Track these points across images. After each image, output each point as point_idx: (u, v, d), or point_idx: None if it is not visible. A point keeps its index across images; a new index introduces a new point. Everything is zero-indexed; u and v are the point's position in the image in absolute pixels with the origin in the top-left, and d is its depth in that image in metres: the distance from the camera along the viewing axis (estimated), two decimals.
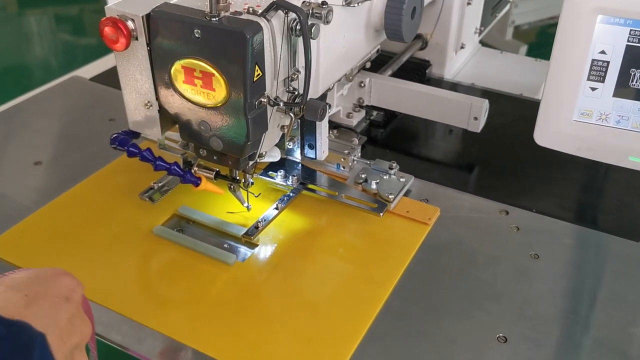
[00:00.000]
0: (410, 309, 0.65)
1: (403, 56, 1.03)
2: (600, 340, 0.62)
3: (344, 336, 0.62)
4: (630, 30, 0.55)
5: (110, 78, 1.07)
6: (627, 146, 0.60)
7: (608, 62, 0.57)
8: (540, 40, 3.26)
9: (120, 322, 0.63)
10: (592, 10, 0.55)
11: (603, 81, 0.58)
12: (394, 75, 0.99)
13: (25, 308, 0.41)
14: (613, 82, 0.58)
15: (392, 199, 0.76)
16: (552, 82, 0.60)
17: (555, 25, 0.59)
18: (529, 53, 2.97)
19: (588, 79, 0.58)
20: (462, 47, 1.10)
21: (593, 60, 0.58)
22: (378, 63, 0.92)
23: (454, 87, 1.09)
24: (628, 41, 0.56)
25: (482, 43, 1.25)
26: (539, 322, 0.64)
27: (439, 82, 1.10)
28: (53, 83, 1.08)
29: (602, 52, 0.57)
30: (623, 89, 0.58)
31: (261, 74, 0.60)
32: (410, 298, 0.66)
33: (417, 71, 1.07)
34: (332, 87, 0.80)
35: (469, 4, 1.05)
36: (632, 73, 0.57)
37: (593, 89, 0.59)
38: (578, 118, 0.61)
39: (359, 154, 0.84)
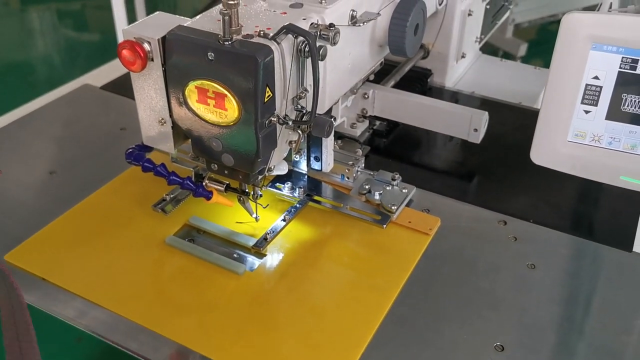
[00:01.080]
0: (412, 316, 0.68)
1: (405, 66, 1.06)
2: (595, 348, 0.65)
3: (350, 342, 0.65)
4: (622, 57, 0.58)
5: (120, 86, 1.10)
6: (619, 166, 0.63)
7: (601, 87, 0.60)
8: (540, 38, 3.28)
9: (137, 330, 0.66)
10: (586, 38, 0.58)
11: (596, 105, 0.61)
12: (397, 83, 1.02)
13: None
14: (605, 106, 0.61)
15: (394, 210, 0.80)
16: (549, 104, 0.63)
17: (555, 22, 0.62)
18: (529, 51, 3.00)
19: (582, 103, 0.61)
20: (463, 56, 1.13)
21: (587, 85, 0.61)
22: (381, 72, 0.95)
23: (455, 95, 1.12)
24: (620, 67, 0.59)
25: (484, 44, 1.27)
26: (535, 329, 0.67)
27: (440, 91, 1.13)
28: (64, 90, 1.11)
29: (596, 77, 0.60)
30: (615, 112, 0.61)
31: (271, 94, 0.63)
32: (413, 305, 0.70)
33: (419, 80, 1.10)
34: (337, 101, 0.83)
35: (469, 14, 1.08)
36: (624, 98, 0.60)
37: (587, 111, 0.62)
38: (572, 139, 0.64)
39: (363, 165, 0.87)
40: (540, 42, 3.23)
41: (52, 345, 1.56)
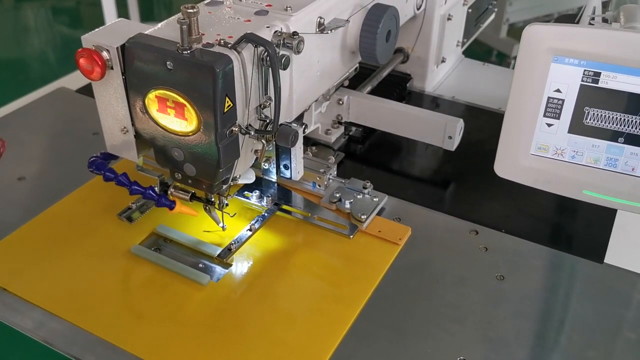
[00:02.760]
0: (376, 330, 0.67)
1: (384, 71, 1.05)
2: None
3: (313, 356, 0.64)
4: (584, 70, 0.57)
5: None
6: (582, 180, 0.62)
7: (563, 100, 0.59)
8: None
9: (95, 343, 0.65)
10: (547, 50, 0.57)
11: (558, 118, 0.60)
12: (375, 88, 1.01)
13: None
14: (568, 119, 0.60)
15: (364, 219, 0.79)
16: (511, 117, 0.62)
17: (539, 22, 0.60)
18: None
19: (544, 115, 0.60)
20: (443, 61, 1.12)
21: (549, 98, 0.60)
22: (359, 77, 0.93)
23: (435, 100, 1.11)
24: (582, 81, 0.58)
25: (476, 41, 1.25)
26: (500, 344, 0.66)
27: (419, 96, 1.12)
28: (40, 93, 1.10)
29: (558, 90, 0.59)
30: (577, 126, 0.60)
31: (232, 104, 0.62)
32: (377, 319, 0.69)
33: (398, 85, 1.09)
34: (309, 107, 0.82)
35: (449, 19, 1.07)
36: (586, 111, 0.59)
37: (549, 124, 0.61)
38: (535, 152, 0.63)
39: (335, 173, 0.86)
40: None
41: (15, 355, 1.54)
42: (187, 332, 0.66)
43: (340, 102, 0.92)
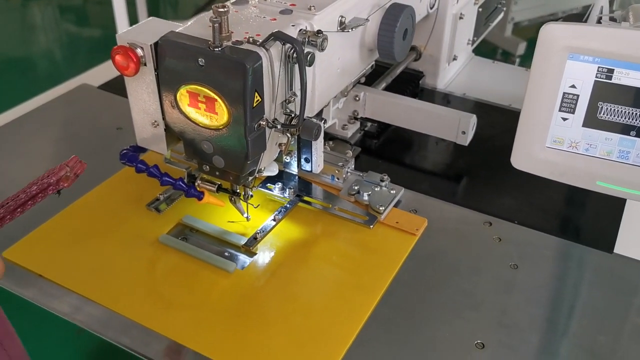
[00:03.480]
0: (395, 316, 0.71)
1: (397, 68, 1.08)
2: (574, 348, 0.67)
3: (335, 340, 0.67)
4: (598, 67, 0.60)
5: (117, 86, 1.12)
6: (595, 172, 0.65)
7: (578, 96, 0.62)
8: None
9: (130, 326, 0.68)
10: (563, 48, 0.60)
11: (573, 112, 0.63)
12: (389, 85, 1.04)
13: None
14: (582, 114, 0.63)
15: (382, 211, 0.82)
16: (527, 111, 0.65)
17: (554, 21, 0.63)
18: (528, 50, 3.01)
19: (560, 110, 0.63)
20: (454, 59, 1.15)
21: (564, 94, 0.63)
22: (374, 74, 0.96)
23: (446, 97, 1.14)
24: (596, 77, 0.61)
25: (482, 40, 1.28)
26: (515, 329, 0.69)
27: (431, 93, 1.15)
28: (62, 89, 1.13)
29: (573, 86, 0.62)
30: (591, 120, 0.63)
31: (260, 99, 0.65)
32: (396, 306, 0.72)
33: (411, 82, 1.12)
34: (328, 103, 0.85)
35: (461, 17, 1.10)
36: (600, 106, 0.62)
37: (564, 119, 0.64)
38: (551, 145, 0.66)
39: (353, 166, 0.89)
40: None
41: (52, 338, 1.59)
42: (216, 317, 0.69)
43: (357, 99, 0.95)
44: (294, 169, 0.87)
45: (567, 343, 0.68)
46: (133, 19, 2.62)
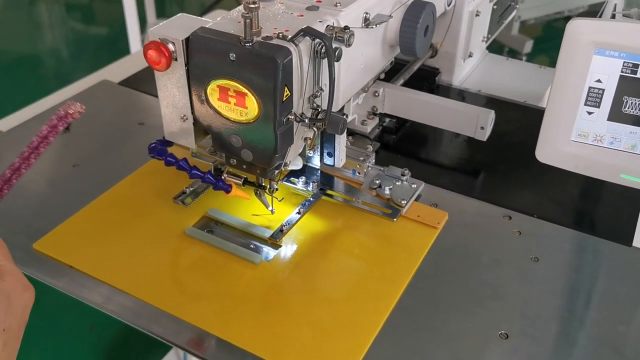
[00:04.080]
0: (420, 307, 0.72)
1: (414, 65, 1.09)
2: (594, 338, 0.69)
3: (361, 330, 0.68)
4: (624, 62, 0.62)
5: (137, 82, 1.14)
6: (620, 165, 0.66)
7: (603, 90, 0.64)
8: (545, 36, 3.30)
9: (160, 316, 0.70)
10: (589, 43, 0.62)
11: (599, 106, 0.65)
12: (406, 81, 1.05)
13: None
14: (607, 108, 0.64)
15: (404, 205, 0.83)
16: (553, 105, 0.67)
17: (561, 20, 0.65)
18: (535, 48, 3.02)
19: (585, 104, 0.65)
20: (470, 56, 1.16)
21: (590, 88, 0.64)
22: (391, 70, 0.98)
23: (462, 93, 1.16)
24: (621, 72, 0.62)
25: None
26: (538, 320, 0.70)
27: (447, 89, 1.16)
28: (81, 85, 1.15)
29: (598, 80, 0.63)
30: (616, 113, 0.64)
31: (289, 94, 0.67)
32: (421, 296, 0.73)
33: (427, 78, 1.13)
34: (349, 99, 0.86)
35: (477, 15, 1.11)
36: (625, 100, 0.63)
37: (589, 113, 0.65)
38: (576, 138, 0.68)
39: (374, 161, 0.90)
40: (545, 40, 3.25)
41: (65, 332, 1.61)
42: (244, 307, 0.71)
43: (376, 94, 0.96)
44: (316, 163, 0.88)
45: (588, 333, 0.69)
46: (141, 18, 2.63)
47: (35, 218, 0.82)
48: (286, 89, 0.66)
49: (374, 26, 0.78)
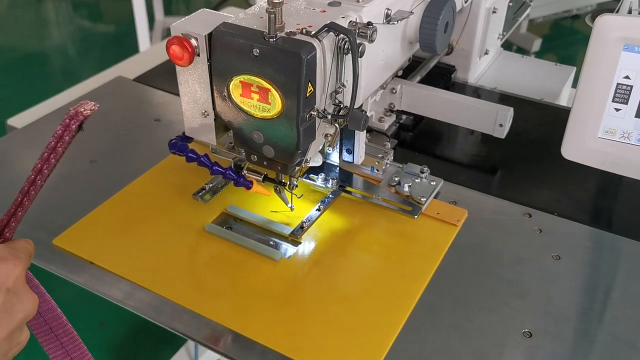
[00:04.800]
0: (442, 304, 0.72)
1: (431, 62, 1.08)
2: (617, 336, 0.68)
3: (383, 327, 0.68)
4: None
5: (152, 79, 1.14)
6: None
7: (631, 87, 0.63)
8: (554, 34, 3.29)
9: (181, 312, 0.69)
10: (617, 39, 0.61)
11: (627, 103, 0.64)
12: (422, 79, 1.04)
13: None
14: (636, 104, 0.64)
15: (424, 202, 0.83)
16: (580, 102, 0.66)
17: (568, 18, 0.64)
18: (543, 46, 3.01)
19: (613, 101, 0.64)
20: (486, 53, 1.16)
21: (618, 84, 0.63)
22: (407, 68, 0.97)
23: (477, 91, 1.15)
24: None
25: None
26: (561, 318, 0.70)
27: (462, 86, 1.15)
28: (98, 81, 1.14)
29: (627, 77, 0.63)
30: None
31: (313, 89, 0.66)
32: (442, 294, 0.73)
33: (443, 76, 1.13)
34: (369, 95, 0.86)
35: (494, 12, 1.10)
36: None
37: (617, 109, 0.65)
38: (602, 135, 0.67)
39: (392, 158, 0.90)
40: (554, 38, 3.25)
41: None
42: (264, 304, 0.71)
43: (394, 91, 0.96)
44: (334, 160, 0.88)
45: (610, 331, 0.69)
46: (150, 15, 2.63)
47: (54, 214, 0.82)
48: (309, 84, 0.65)
49: (395, 22, 0.78)
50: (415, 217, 0.81)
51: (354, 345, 0.66)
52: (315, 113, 0.68)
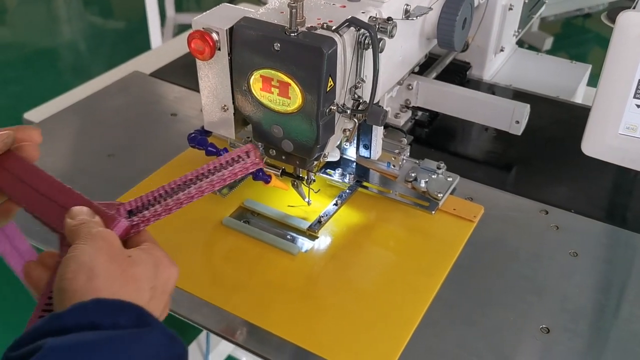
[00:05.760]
0: (459, 299, 0.72)
1: (446, 58, 1.08)
2: (635, 333, 0.68)
3: (399, 322, 0.68)
4: None
5: (168, 74, 1.14)
6: None
7: None
8: (565, 32, 3.28)
9: (200, 305, 0.70)
10: (639, 35, 0.61)
11: None
12: (438, 75, 1.04)
13: (149, 300, 0.46)
14: None
15: (440, 198, 0.83)
16: (601, 98, 0.66)
17: (580, 17, 0.64)
18: (554, 45, 3.00)
19: (634, 97, 0.64)
20: (501, 50, 1.15)
21: (639, 81, 0.63)
22: (423, 64, 0.97)
23: (492, 88, 1.15)
24: None
25: None
26: (578, 315, 0.70)
27: (477, 83, 1.15)
28: (115, 76, 1.15)
29: None
30: None
31: (333, 84, 0.66)
32: (459, 289, 0.73)
33: (458, 72, 1.13)
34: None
35: (510, 8, 1.10)
36: None
37: (638, 106, 0.65)
38: (623, 132, 0.67)
39: (408, 154, 0.90)
40: (565, 36, 3.23)
41: None
42: (281, 297, 0.71)
43: (410, 87, 0.96)
44: (351, 155, 0.88)
45: (630, 329, 0.69)
46: (161, 12, 2.64)
47: None
48: (330, 79, 0.66)
49: (414, 18, 0.78)
50: (433, 212, 0.82)
51: (371, 340, 0.67)
52: (334, 108, 0.68)
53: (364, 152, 0.86)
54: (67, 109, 1.04)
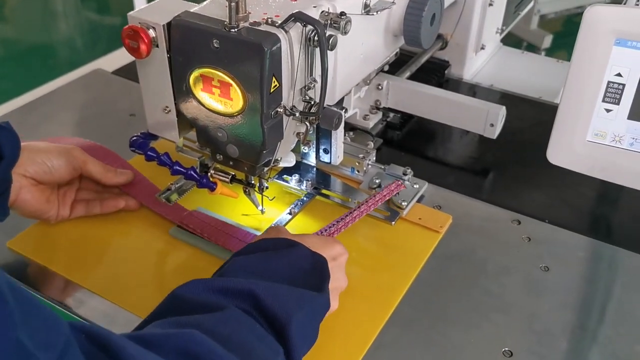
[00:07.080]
0: (418, 317, 0.66)
1: (422, 57, 1.03)
2: (608, 357, 0.63)
3: (353, 341, 0.63)
4: None
5: (132, 72, 1.09)
6: None
7: (624, 85, 0.57)
8: (565, 30, 3.20)
9: (135, 322, 0.64)
10: (609, 32, 0.55)
11: (618, 103, 0.58)
12: (413, 74, 0.99)
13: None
14: (628, 105, 0.58)
15: (405, 206, 0.77)
16: (567, 102, 0.60)
17: (581, 14, 0.58)
18: (554, 43, 2.93)
19: (603, 101, 0.58)
20: (482, 48, 1.10)
21: (609, 82, 0.58)
22: (397, 63, 0.92)
23: (473, 88, 1.09)
24: None
25: (506, 34, 1.23)
26: (545, 336, 0.64)
27: (457, 83, 1.10)
28: (76, 75, 1.10)
29: (618, 74, 0.57)
30: (638, 111, 0.58)
31: (278, 85, 0.61)
32: (419, 306, 0.67)
33: (436, 71, 1.07)
34: (349, 91, 0.81)
35: (490, 4, 1.05)
36: None
37: (608, 110, 0.59)
38: (592, 139, 0.61)
39: (374, 158, 0.84)
40: (565, 34, 3.16)
41: None
42: None
43: (380, 87, 0.90)
44: (311, 160, 0.83)
45: (601, 352, 0.63)
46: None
47: (12, 215, 0.78)
48: (274, 79, 0.60)
49: (375, 13, 0.72)
50: (393, 223, 0.76)
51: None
52: (282, 110, 0.63)
53: (324, 157, 0.80)
54: (23, 107, 1.00)
